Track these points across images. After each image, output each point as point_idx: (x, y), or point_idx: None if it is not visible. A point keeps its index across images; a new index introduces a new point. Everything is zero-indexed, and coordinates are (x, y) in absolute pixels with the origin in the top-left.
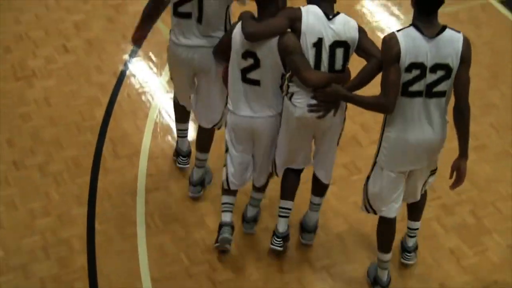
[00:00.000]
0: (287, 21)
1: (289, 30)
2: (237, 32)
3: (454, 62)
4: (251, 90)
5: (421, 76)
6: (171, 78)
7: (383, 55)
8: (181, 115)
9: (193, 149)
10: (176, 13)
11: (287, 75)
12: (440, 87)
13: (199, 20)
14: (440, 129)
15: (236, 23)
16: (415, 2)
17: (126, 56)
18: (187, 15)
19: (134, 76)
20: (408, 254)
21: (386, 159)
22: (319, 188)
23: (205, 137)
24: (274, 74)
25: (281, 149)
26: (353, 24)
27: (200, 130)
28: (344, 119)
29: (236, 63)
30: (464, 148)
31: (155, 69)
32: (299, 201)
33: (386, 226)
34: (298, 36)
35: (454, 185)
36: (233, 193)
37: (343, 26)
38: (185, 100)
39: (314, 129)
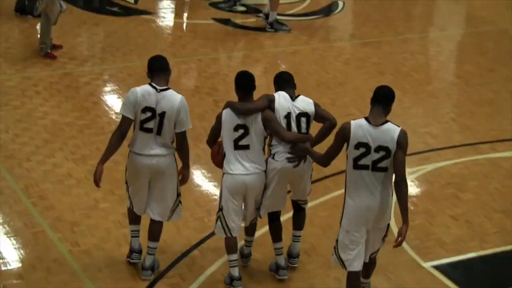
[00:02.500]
0: (267, 102)
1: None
2: (226, 115)
3: (392, 146)
4: (243, 154)
5: (366, 153)
6: (128, 185)
7: (336, 133)
8: (135, 218)
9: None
10: (142, 129)
11: (267, 141)
12: (383, 164)
13: (159, 133)
14: (385, 198)
15: (222, 110)
16: (371, 101)
17: None
18: (149, 130)
19: None
20: None
21: (346, 221)
22: (299, 222)
23: (156, 229)
24: (259, 138)
25: (266, 197)
26: (309, 100)
27: (152, 223)
28: (312, 168)
29: (229, 136)
30: (404, 216)
31: None
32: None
33: (351, 281)
34: (273, 111)
35: (395, 245)
36: (235, 250)
37: (303, 103)
38: (140, 205)
39: (291, 178)
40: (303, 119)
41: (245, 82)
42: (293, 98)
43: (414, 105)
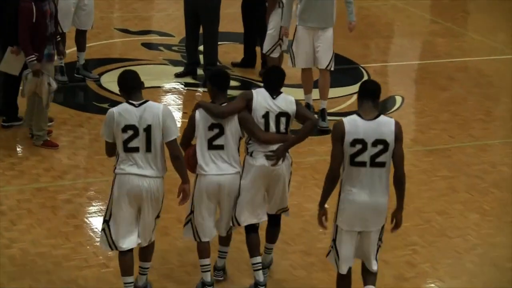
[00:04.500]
0: (243, 102)
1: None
2: (199, 115)
3: (390, 138)
4: (217, 154)
5: (363, 149)
6: (109, 222)
7: (332, 135)
8: (127, 267)
9: None
10: (127, 149)
11: (245, 139)
12: (381, 158)
13: (148, 149)
14: (382, 195)
15: (195, 111)
16: (358, 100)
17: None
18: (135, 149)
19: None
20: None
21: (341, 218)
22: (273, 236)
23: (147, 250)
24: (234, 138)
25: (242, 203)
26: (291, 99)
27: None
28: (291, 171)
29: (203, 136)
30: (400, 203)
31: None
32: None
33: (341, 282)
34: (250, 110)
35: (393, 230)
36: (207, 254)
37: (284, 101)
38: (128, 236)
39: (269, 179)
40: (283, 119)
41: (220, 81)
42: (274, 96)
43: (498, 232)
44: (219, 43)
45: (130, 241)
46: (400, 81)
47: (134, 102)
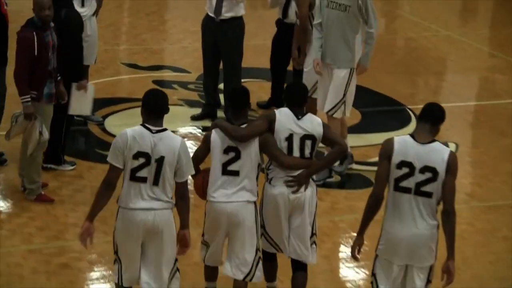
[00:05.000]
0: (265, 124)
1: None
2: (216, 135)
3: (441, 168)
4: (230, 180)
5: (410, 174)
6: (117, 252)
7: (379, 152)
8: None
9: None
10: (133, 178)
11: (265, 165)
12: (428, 188)
13: (156, 183)
14: (428, 227)
15: (211, 131)
16: (417, 120)
17: None
18: (143, 180)
19: None
20: None
21: (382, 248)
22: (298, 285)
23: None
24: (252, 165)
25: (266, 234)
26: (318, 121)
27: None
28: (316, 201)
29: (217, 159)
30: (450, 250)
31: None
32: None
33: None
34: (273, 132)
35: (445, 285)
36: (213, 278)
37: (310, 123)
38: (131, 272)
39: (291, 208)
40: (308, 142)
41: (237, 97)
42: (299, 116)
43: None
44: (242, 80)
45: (131, 280)
46: (454, 125)
47: (151, 127)
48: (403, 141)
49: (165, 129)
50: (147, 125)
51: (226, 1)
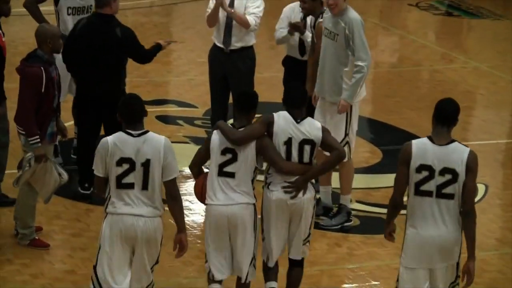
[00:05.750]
0: (263, 127)
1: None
2: (215, 137)
3: (460, 169)
4: (226, 182)
5: (430, 177)
6: (98, 260)
7: (398, 157)
8: None
9: None
10: (120, 186)
11: (265, 169)
12: (449, 190)
13: (145, 187)
14: (451, 229)
15: (212, 131)
16: (432, 121)
17: None
18: (130, 186)
19: None
20: None
21: (405, 255)
22: (294, 280)
23: None
24: (248, 168)
25: (268, 239)
26: (317, 125)
27: None
28: (314, 205)
29: (214, 160)
30: (471, 250)
31: None
32: None
33: None
34: (271, 136)
35: (466, 286)
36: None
37: (309, 127)
38: (119, 277)
39: (290, 213)
40: (307, 147)
41: (240, 100)
42: (298, 120)
43: None
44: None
45: (121, 283)
46: (484, 164)
47: (132, 132)
48: (421, 144)
49: (146, 131)
50: (128, 130)
51: (236, 30)
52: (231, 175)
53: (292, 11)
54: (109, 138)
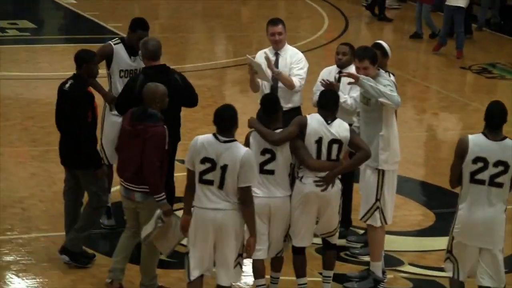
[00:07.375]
0: (297, 128)
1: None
2: (254, 137)
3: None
4: (267, 178)
5: (484, 168)
6: (188, 252)
7: (455, 149)
8: None
9: None
10: (201, 181)
11: (296, 164)
12: (500, 179)
13: (221, 187)
14: (499, 214)
15: (251, 132)
16: (485, 119)
17: None
18: (209, 182)
19: None
20: None
21: (458, 231)
22: (329, 260)
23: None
24: (285, 164)
25: (294, 225)
26: (346, 126)
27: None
28: (341, 196)
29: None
30: None
31: None
32: None
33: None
34: (304, 136)
35: None
36: (262, 274)
37: (338, 128)
38: (201, 266)
39: (319, 203)
40: (335, 146)
41: (265, 104)
42: (329, 121)
43: None
44: None
45: (201, 270)
46: None
47: (219, 137)
48: (476, 139)
49: (233, 140)
50: (217, 135)
51: (282, 92)
52: (271, 172)
53: (329, 74)
54: (200, 138)
